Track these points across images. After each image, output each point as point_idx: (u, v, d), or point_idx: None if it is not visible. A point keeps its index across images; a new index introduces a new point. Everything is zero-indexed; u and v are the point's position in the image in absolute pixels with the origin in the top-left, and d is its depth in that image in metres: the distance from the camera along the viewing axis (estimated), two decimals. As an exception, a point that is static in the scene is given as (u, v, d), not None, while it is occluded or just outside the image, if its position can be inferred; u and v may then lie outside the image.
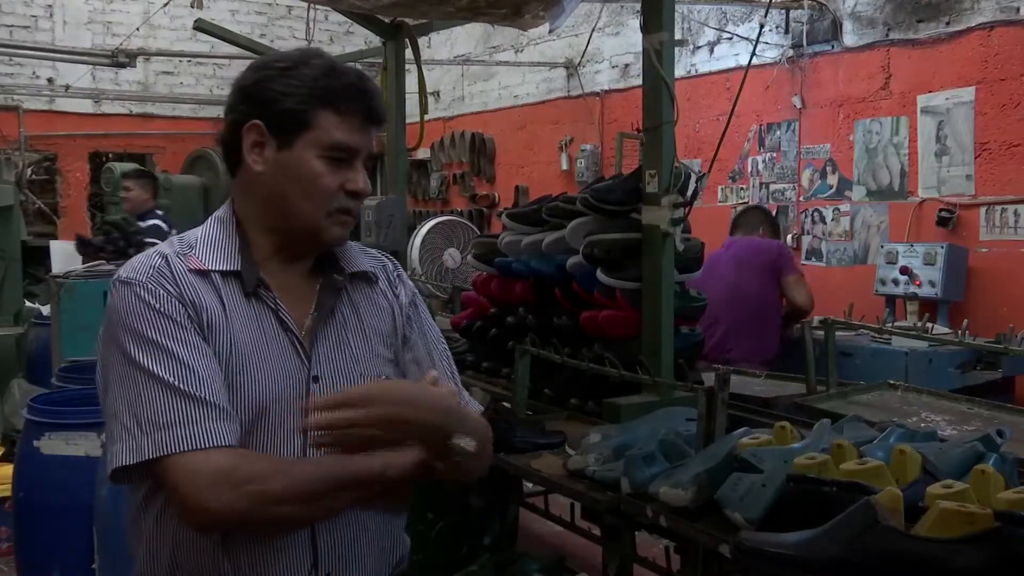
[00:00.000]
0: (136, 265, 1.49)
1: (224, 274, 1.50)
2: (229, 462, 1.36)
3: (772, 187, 6.55)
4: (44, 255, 7.95)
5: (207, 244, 1.52)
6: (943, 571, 1.35)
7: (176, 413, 1.37)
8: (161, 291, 1.44)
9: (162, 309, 1.43)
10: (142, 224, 6.24)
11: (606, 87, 8.04)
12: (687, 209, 2.79)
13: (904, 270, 5.27)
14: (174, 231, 6.71)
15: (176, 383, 1.38)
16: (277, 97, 1.48)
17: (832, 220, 6.17)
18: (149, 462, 1.37)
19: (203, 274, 1.48)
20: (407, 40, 4.38)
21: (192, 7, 9.32)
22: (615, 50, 7.91)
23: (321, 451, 1.49)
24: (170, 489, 1.38)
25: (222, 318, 1.46)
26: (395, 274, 1.71)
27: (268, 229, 1.53)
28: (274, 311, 1.50)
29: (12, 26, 9.56)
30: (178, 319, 1.43)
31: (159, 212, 6.70)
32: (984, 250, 5.27)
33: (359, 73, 1.54)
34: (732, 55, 6.74)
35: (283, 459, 1.45)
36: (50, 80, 9.77)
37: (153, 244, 6.52)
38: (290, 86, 1.48)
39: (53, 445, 3.34)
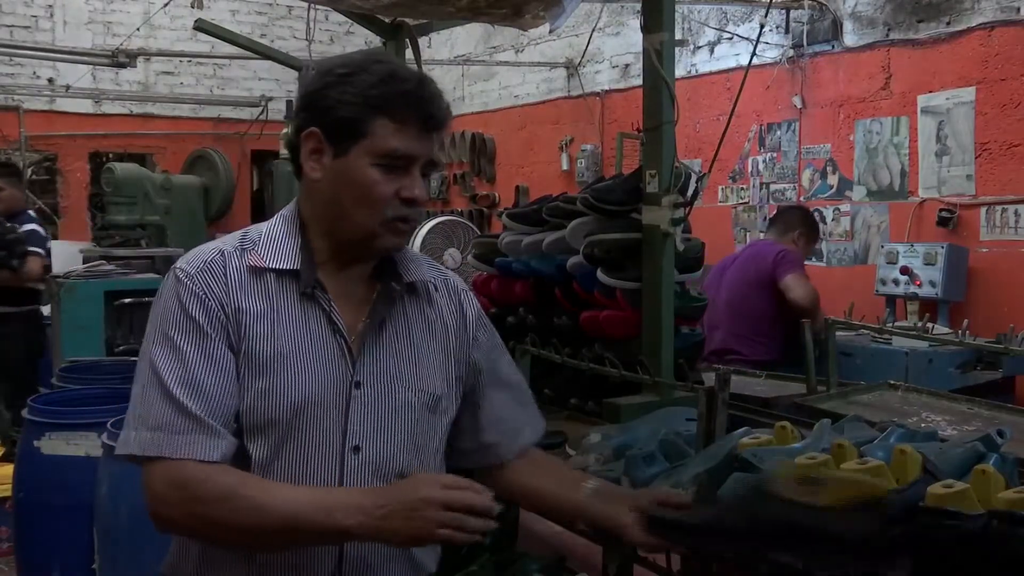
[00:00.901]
0: (191, 257, 1.52)
1: (281, 273, 1.50)
2: (189, 477, 1.38)
3: (772, 187, 6.55)
4: (44, 255, 7.96)
5: (270, 241, 1.53)
6: (828, 538, 1.37)
7: (165, 418, 1.40)
8: (203, 289, 1.46)
9: (194, 310, 1.45)
10: (19, 228, 5.65)
11: (606, 87, 8.04)
12: (687, 209, 2.79)
13: (904, 270, 5.27)
14: (48, 233, 6.34)
15: (174, 390, 1.41)
16: (334, 105, 1.48)
17: (832, 220, 6.16)
18: (136, 456, 1.41)
19: (259, 272, 1.50)
20: (407, 40, 4.37)
21: (192, 7, 9.34)
22: (615, 50, 7.91)
23: (358, 456, 1.49)
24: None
25: (267, 319, 1.47)
26: (461, 292, 1.70)
27: (326, 233, 1.54)
28: (327, 313, 1.51)
29: (12, 26, 9.55)
30: (205, 325, 1.45)
31: (31, 213, 6.15)
32: (984, 250, 5.27)
33: (420, 78, 1.53)
34: (732, 55, 6.74)
35: (261, 484, 1.43)
36: (50, 80, 9.76)
37: (36, 253, 6.18)
38: (347, 93, 1.48)
39: (53, 445, 3.34)
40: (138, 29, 9.45)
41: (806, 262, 4.75)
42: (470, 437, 1.71)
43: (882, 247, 5.60)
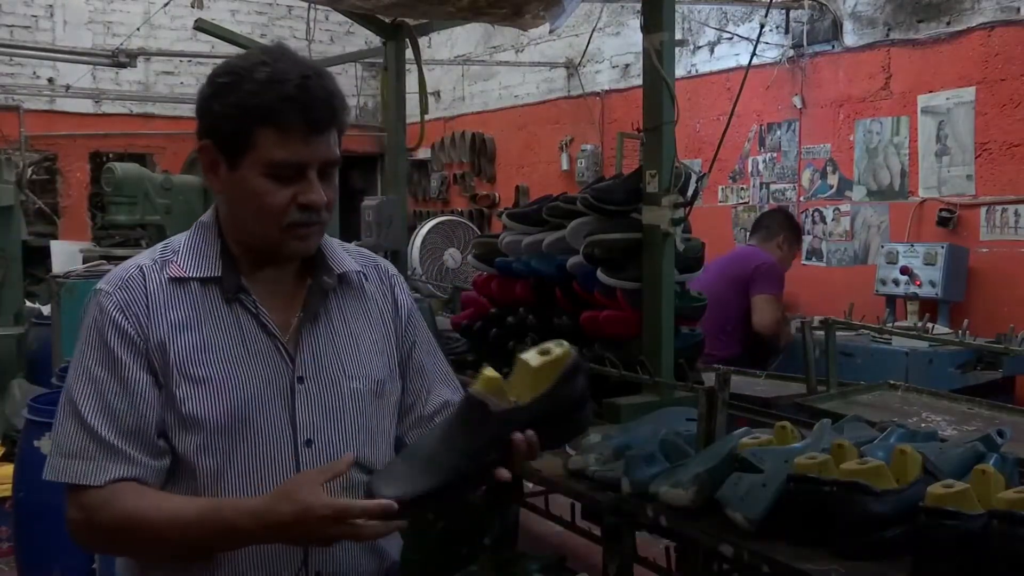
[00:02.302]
0: (111, 276, 1.52)
1: (204, 281, 1.50)
2: (89, 503, 1.41)
3: (772, 187, 6.55)
4: (44, 255, 7.95)
5: (189, 251, 1.53)
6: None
7: (78, 445, 1.43)
8: (122, 308, 1.46)
9: (111, 336, 1.45)
10: None
11: (606, 87, 8.04)
12: (687, 209, 2.79)
13: (904, 270, 5.27)
14: None
15: (88, 416, 1.43)
16: (219, 119, 1.45)
17: (832, 220, 6.16)
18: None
19: (182, 282, 1.50)
20: (407, 40, 4.38)
21: (192, 7, 9.32)
22: (615, 50, 7.91)
23: (312, 449, 1.50)
24: None
25: (195, 327, 1.48)
26: (392, 277, 1.70)
27: (238, 241, 1.54)
28: (255, 315, 1.51)
29: (12, 26, 9.55)
30: (120, 350, 1.45)
31: None
32: (984, 250, 5.27)
33: (303, 77, 1.43)
34: (732, 55, 6.74)
35: (156, 504, 1.42)
36: (51, 80, 9.76)
37: None
38: (228, 106, 1.43)
39: (53, 445, 3.34)
40: (138, 29, 9.44)
41: (804, 262, 4.77)
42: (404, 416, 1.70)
43: (882, 247, 5.60)
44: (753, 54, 3.60)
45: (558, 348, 1.43)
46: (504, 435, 1.38)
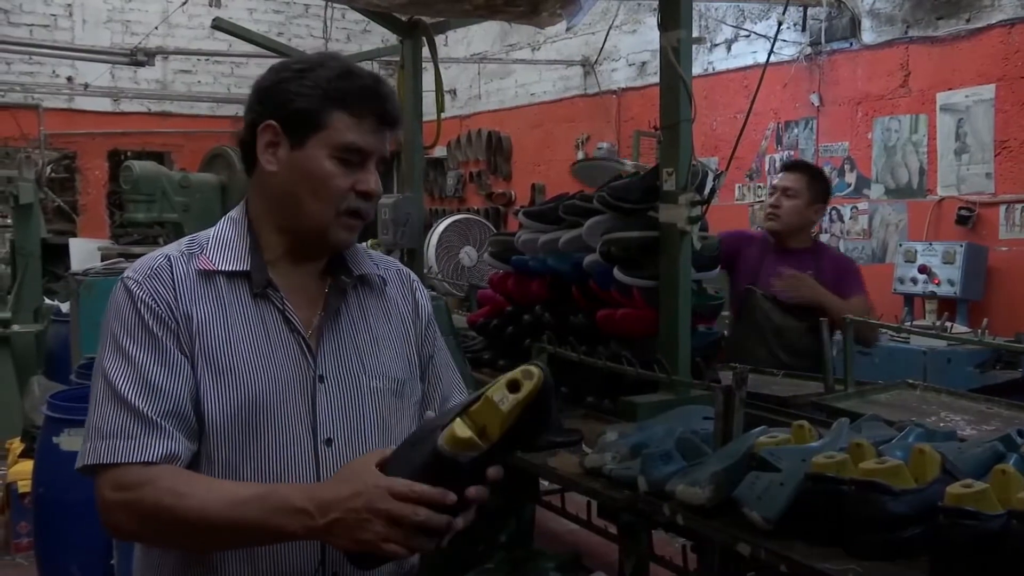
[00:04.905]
0: (138, 265, 1.52)
1: (231, 275, 1.51)
2: (133, 481, 1.38)
3: (789, 185, 6.53)
4: (63, 253, 8.02)
5: (219, 244, 1.54)
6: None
7: (119, 424, 1.40)
8: (152, 295, 1.47)
9: (144, 316, 1.45)
10: None
11: (623, 85, 8.03)
12: (704, 207, 2.78)
13: (923, 269, 5.24)
14: None
15: (126, 393, 1.41)
16: (292, 98, 1.50)
17: (850, 218, 6.14)
18: (90, 467, 1.42)
19: (209, 275, 1.50)
20: (424, 38, 4.37)
21: (210, 6, 9.37)
22: (632, 48, 7.90)
23: (332, 448, 1.50)
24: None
25: (220, 320, 1.48)
26: (413, 282, 1.71)
27: (279, 229, 1.54)
28: (281, 311, 1.51)
29: (32, 25, 9.64)
30: (155, 328, 1.45)
31: None
32: (1004, 249, 5.23)
33: (375, 76, 1.55)
34: (750, 53, 6.72)
35: (206, 484, 1.41)
36: (69, 79, 9.83)
37: None
38: (305, 87, 1.49)
39: (72, 441, 3.36)
40: (156, 28, 9.51)
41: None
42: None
43: (900, 245, 5.58)
44: (771, 52, 3.58)
45: (528, 381, 1.32)
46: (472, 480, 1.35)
